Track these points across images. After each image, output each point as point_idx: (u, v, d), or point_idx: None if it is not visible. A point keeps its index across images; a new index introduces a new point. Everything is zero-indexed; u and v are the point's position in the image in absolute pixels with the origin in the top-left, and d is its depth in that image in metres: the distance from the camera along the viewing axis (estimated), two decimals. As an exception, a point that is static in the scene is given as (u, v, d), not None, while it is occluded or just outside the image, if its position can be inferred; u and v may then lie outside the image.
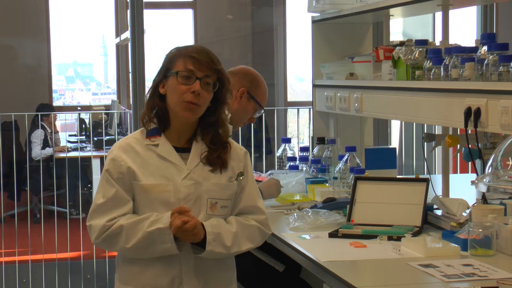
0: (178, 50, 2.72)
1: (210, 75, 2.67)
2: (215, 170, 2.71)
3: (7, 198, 8.55)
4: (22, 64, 10.76)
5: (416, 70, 3.40)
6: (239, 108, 3.79)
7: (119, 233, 2.64)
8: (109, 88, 12.98)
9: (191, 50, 2.69)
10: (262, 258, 3.63)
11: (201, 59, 2.66)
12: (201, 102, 2.66)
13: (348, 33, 4.54)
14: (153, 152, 2.70)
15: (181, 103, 2.65)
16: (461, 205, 3.15)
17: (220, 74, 2.70)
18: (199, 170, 2.70)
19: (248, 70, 3.90)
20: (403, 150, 7.39)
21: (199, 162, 2.70)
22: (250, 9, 10.93)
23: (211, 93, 2.68)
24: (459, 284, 2.48)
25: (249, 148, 7.85)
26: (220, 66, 2.70)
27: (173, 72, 2.66)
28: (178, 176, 2.68)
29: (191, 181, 2.68)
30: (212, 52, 2.72)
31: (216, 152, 2.72)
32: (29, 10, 10.68)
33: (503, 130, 2.83)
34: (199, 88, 2.64)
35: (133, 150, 2.71)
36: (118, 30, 10.81)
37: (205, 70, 2.66)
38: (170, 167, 2.69)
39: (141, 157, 2.70)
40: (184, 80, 2.65)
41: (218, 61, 2.70)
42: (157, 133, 2.72)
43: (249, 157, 2.84)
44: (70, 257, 7.02)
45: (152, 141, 2.71)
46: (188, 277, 2.69)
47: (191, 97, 2.64)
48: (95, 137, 8.77)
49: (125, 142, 2.75)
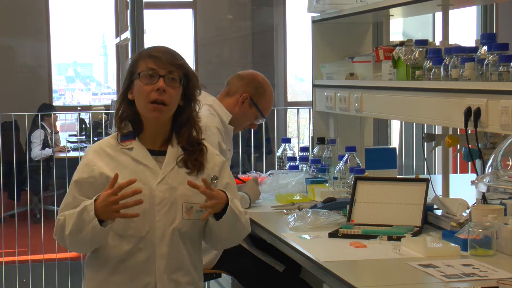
0: (139, 53, 2.73)
1: (174, 70, 2.66)
2: (192, 173, 2.70)
3: (7, 198, 8.56)
4: (22, 64, 10.76)
5: (416, 70, 3.40)
6: (240, 112, 3.79)
7: (63, 223, 2.63)
8: (109, 88, 12.99)
9: (151, 50, 2.70)
10: (262, 258, 3.63)
11: (161, 56, 2.65)
12: (168, 100, 2.64)
13: (348, 33, 4.54)
14: (128, 156, 2.69)
15: (147, 105, 2.64)
16: (461, 205, 3.14)
17: (185, 70, 2.69)
18: (174, 174, 2.69)
19: (256, 77, 3.87)
20: (403, 150, 7.39)
21: (174, 165, 2.69)
22: (250, 9, 10.93)
23: (178, 89, 2.67)
24: (459, 284, 2.48)
25: (249, 148, 7.86)
26: (183, 61, 2.69)
27: (137, 74, 2.66)
28: (153, 180, 2.67)
29: (166, 185, 2.67)
30: (174, 50, 2.72)
31: (193, 154, 2.70)
32: (29, 10, 10.68)
33: (503, 130, 2.83)
34: (163, 85, 2.63)
35: (107, 154, 2.70)
36: (118, 30, 10.81)
37: (167, 67, 2.65)
38: (145, 170, 2.67)
39: (115, 161, 2.68)
40: (147, 80, 2.64)
41: (180, 57, 2.70)
42: (131, 137, 2.71)
43: (227, 166, 2.82)
44: (70, 257, 7.02)
45: (125, 145, 2.70)
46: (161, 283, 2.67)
47: (156, 95, 2.62)
48: (95, 137, 8.77)
49: (99, 146, 2.74)
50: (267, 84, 3.88)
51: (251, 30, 10.94)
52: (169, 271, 2.68)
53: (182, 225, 2.67)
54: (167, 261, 2.67)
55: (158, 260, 2.66)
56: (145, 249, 2.65)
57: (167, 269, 2.67)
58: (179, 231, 2.68)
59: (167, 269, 2.67)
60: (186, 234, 2.70)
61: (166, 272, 2.67)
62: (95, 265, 2.71)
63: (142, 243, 2.66)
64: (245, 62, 10.54)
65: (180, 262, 2.70)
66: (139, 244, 2.66)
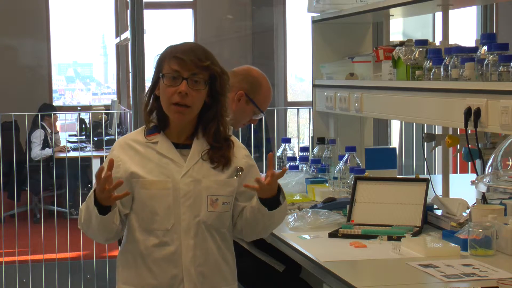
0: (166, 52, 2.69)
1: (198, 73, 2.63)
2: (217, 167, 2.70)
3: (7, 198, 8.56)
4: (22, 64, 10.76)
5: (416, 70, 3.40)
6: (237, 110, 3.74)
7: (80, 214, 2.69)
8: (109, 88, 12.99)
9: (177, 50, 2.66)
10: (262, 258, 3.63)
11: (185, 58, 2.62)
12: (190, 103, 2.63)
13: (348, 33, 4.54)
14: (153, 150, 2.70)
15: (170, 106, 2.64)
16: (461, 205, 3.15)
17: (211, 70, 2.65)
18: (199, 167, 2.69)
19: (250, 72, 3.82)
20: (403, 150, 7.39)
21: (199, 159, 2.69)
22: (250, 9, 10.93)
23: (201, 91, 2.65)
24: (459, 284, 2.48)
25: (249, 148, 7.86)
26: (208, 63, 2.64)
27: (161, 75, 2.66)
28: (178, 173, 2.68)
29: (190, 178, 2.67)
30: (202, 48, 2.68)
31: (220, 150, 2.71)
32: (29, 10, 10.68)
33: (503, 130, 2.83)
34: (185, 89, 2.61)
35: (132, 148, 2.71)
36: (118, 30, 10.81)
37: (191, 69, 2.62)
38: (169, 164, 2.69)
39: (140, 154, 2.70)
40: (170, 82, 2.63)
41: (206, 57, 2.65)
42: (156, 131, 2.72)
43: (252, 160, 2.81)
44: (70, 257, 7.02)
45: (150, 139, 2.71)
46: (188, 275, 2.68)
47: (178, 98, 2.62)
48: (95, 137, 8.77)
49: (124, 140, 2.76)
50: (263, 77, 3.82)
51: (251, 30, 10.94)
52: (196, 264, 2.68)
53: (207, 217, 2.67)
54: (193, 253, 2.67)
55: (185, 252, 2.67)
56: (172, 242, 2.66)
57: (194, 261, 2.67)
58: (205, 224, 2.67)
59: (194, 261, 2.67)
60: (212, 226, 2.69)
61: (193, 264, 2.67)
62: (125, 260, 2.74)
63: (168, 236, 2.67)
64: (245, 62, 10.52)
65: (207, 255, 2.69)
66: (165, 237, 2.67)
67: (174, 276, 2.67)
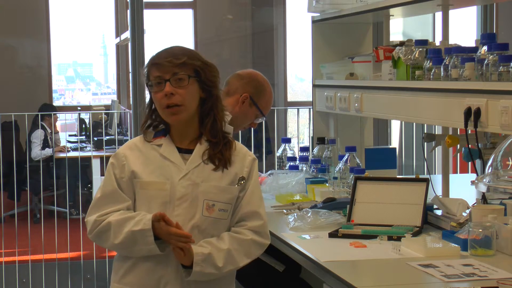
0: (147, 63, 2.74)
1: (179, 71, 2.65)
2: (218, 168, 2.70)
3: (7, 198, 8.56)
4: (22, 64, 10.77)
5: (416, 70, 3.40)
6: (240, 112, 3.78)
7: (108, 230, 2.66)
8: (109, 88, 12.99)
9: (154, 58, 2.71)
10: (262, 258, 3.63)
11: (162, 61, 2.66)
12: (180, 101, 2.66)
13: (348, 33, 4.54)
14: (156, 152, 2.73)
15: (163, 111, 2.69)
16: (461, 205, 3.15)
17: (191, 65, 2.67)
18: (199, 171, 2.69)
19: (255, 76, 3.86)
20: (403, 150, 7.39)
21: (200, 162, 2.70)
22: (250, 9, 10.93)
23: (188, 87, 2.67)
24: (459, 284, 2.48)
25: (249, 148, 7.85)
26: (184, 58, 2.66)
27: (149, 86, 2.71)
28: (177, 175, 2.68)
29: (189, 181, 2.68)
30: (180, 47, 2.71)
31: (218, 147, 2.71)
32: (29, 10, 10.69)
33: (503, 130, 2.83)
34: (170, 89, 2.65)
35: (138, 149, 2.74)
36: (118, 30, 10.82)
37: (170, 70, 2.65)
38: (170, 166, 2.70)
39: (144, 155, 2.72)
40: (156, 88, 2.68)
41: (182, 54, 2.67)
42: (162, 134, 2.75)
43: (257, 164, 2.82)
44: (70, 257, 7.03)
45: (156, 142, 2.74)
46: (174, 277, 2.68)
47: (166, 100, 2.66)
48: (95, 137, 8.77)
49: (132, 142, 2.80)
50: (267, 83, 3.87)
51: (251, 30, 10.94)
52: None
53: (201, 222, 2.67)
54: None
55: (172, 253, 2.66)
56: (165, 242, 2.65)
57: None
58: (198, 228, 2.67)
59: None
60: (206, 231, 2.68)
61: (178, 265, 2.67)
62: (121, 259, 2.75)
63: None
64: (245, 62, 10.54)
65: None
66: None
67: (162, 276, 2.67)
